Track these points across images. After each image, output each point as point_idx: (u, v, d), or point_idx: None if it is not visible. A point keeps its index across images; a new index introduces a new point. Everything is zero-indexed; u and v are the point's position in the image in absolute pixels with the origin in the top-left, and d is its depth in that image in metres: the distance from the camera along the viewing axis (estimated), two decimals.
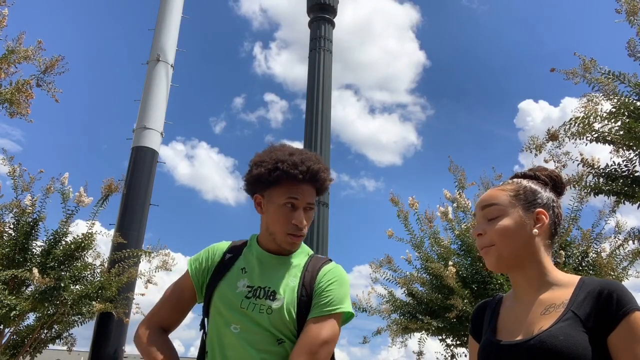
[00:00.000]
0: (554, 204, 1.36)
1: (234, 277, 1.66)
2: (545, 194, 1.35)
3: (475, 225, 1.40)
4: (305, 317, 1.59)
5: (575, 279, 1.27)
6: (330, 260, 1.73)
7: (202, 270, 1.73)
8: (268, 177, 1.64)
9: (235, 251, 1.75)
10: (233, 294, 1.62)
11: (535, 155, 4.54)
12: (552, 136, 4.42)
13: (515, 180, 1.41)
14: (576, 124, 4.22)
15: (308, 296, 1.61)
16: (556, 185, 1.40)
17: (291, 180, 1.63)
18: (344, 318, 1.64)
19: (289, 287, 1.62)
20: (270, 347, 1.56)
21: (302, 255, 1.72)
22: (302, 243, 1.77)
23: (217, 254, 1.76)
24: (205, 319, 1.69)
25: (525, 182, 1.38)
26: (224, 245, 1.79)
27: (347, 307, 1.62)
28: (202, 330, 1.71)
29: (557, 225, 1.35)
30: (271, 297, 1.59)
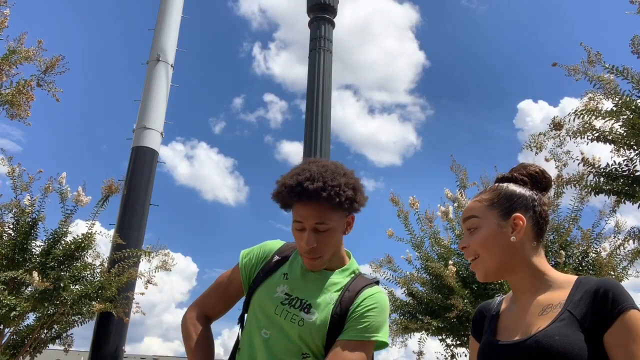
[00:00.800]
0: (534, 203, 1.34)
1: (275, 281, 1.66)
2: (523, 195, 1.34)
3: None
4: (335, 335, 1.55)
5: (572, 278, 1.27)
6: (376, 283, 1.69)
7: (251, 265, 1.74)
8: (276, 202, 1.64)
9: (283, 255, 1.74)
10: (270, 298, 1.62)
11: (536, 153, 4.53)
12: (557, 125, 4.40)
13: (494, 186, 1.41)
14: (579, 117, 4.20)
15: (342, 315, 1.57)
16: (537, 181, 1.38)
17: (294, 201, 1.58)
18: (376, 346, 1.59)
19: (325, 302, 1.59)
20: (294, 359, 1.55)
21: (346, 273, 1.68)
22: (353, 259, 1.73)
23: (267, 253, 1.75)
24: (245, 315, 1.70)
25: (503, 186, 1.37)
26: (276, 245, 1.78)
27: (382, 336, 1.58)
28: (240, 325, 1.72)
29: (542, 224, 1.34)
30: (306, 310, 1.58)
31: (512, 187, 1.36)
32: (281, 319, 1.58)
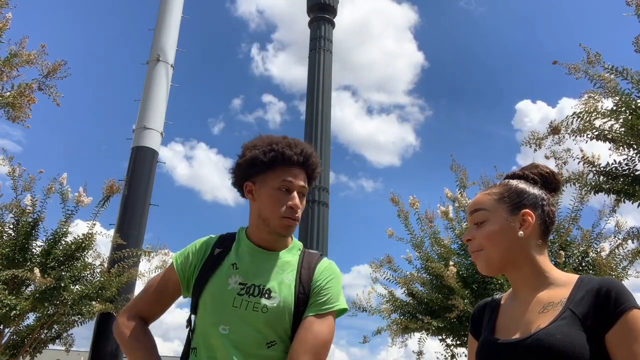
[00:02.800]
0: (544, 202, 1.34)
1: (225, 273, 1.61)
2: (533, 193, 1.35)
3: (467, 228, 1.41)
4: (301, 314, 1.57)
5: (574, 278, 1.27)
6: (322, 256, 1.72)
7: (188, 264, 1.68)
8: (263, 158, 1.62)
9: (224, 245, 1.69)
10: (224, 291, 1.57)
11: (535, 150, 4.52)
12: (554, 129, 4.39)
13: (504, 181, 1.41)
14: (578, 120, 4.20)
15: (305, 294, 1.59)
16: (548, 182, 1.39)
17: (285, 163, 1.63)
18: (338, 312, 1.64)
19: (284, 284, 1.59)
20: (259, 351, 1.52)
21: (294, 251, 1.69)
22: (293, 237, 1.74)
23: (205, 248, 1.70)
24: (193, 316, 1.64)
25: (513, 182, 1.38)
26: (212, 239, 1.74)
27: (343, 303, 1.64)
28: (189, 328, 1.66)
29: (549, 224, 1.35)
30: (266, 295, 1.56)
31: (523, 184, 1.37)
32: (242, 310, 1.54)
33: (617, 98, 4.13)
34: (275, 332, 1.54)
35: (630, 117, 4.10)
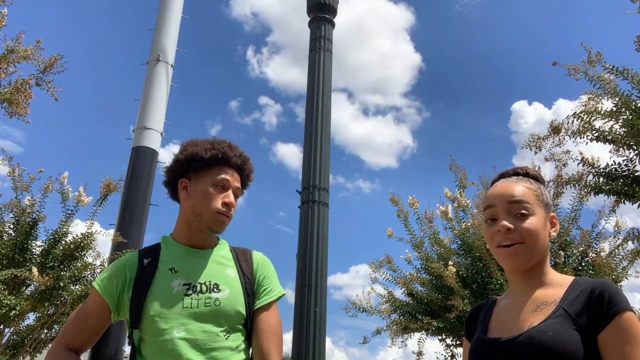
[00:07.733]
0: (553, 208, 1.40)
1: (165, 278, 1.61)
2: (551, 198, 1.41)
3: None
4: (250, 302, 1.65)
5: (569, 279, 1.27)
6: (250, 249, 1.80)
7: (114, 286, 1.63)
8: (204, 155, 1.67)
9: (151, 255, 1.68)
10: (170, 296, 1.57)
11: (535, 153, 4.52)
12: (555, 129, 4.38)
13: (530, 180, 1.38)
14: (578, 120, 4.19)
15: (250, 284, 1.67)
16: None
17: (224, 163, 1.69)
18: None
19: (229, 278, 1.65)
20: (218, 344, 1.55)
21: (226, 247, 1.75)
22: (218, 236, 1.77)
23: (129, 264, 1.66)
24: (134, 331, 1.61)
25: (535, 183, 1.38)
26: (133, 254, 1.72)
27: (282, 290, 1.76)
28: (132, 345, 1.63)
29: None
30: (215, 290, 1.60)
31: (543, 186, 1.39)
32: (194, 309, 1.56)
33: (617, 99, 4.12)
34: (231, 322, 1.59)
35: (630, 117, 4.10)
